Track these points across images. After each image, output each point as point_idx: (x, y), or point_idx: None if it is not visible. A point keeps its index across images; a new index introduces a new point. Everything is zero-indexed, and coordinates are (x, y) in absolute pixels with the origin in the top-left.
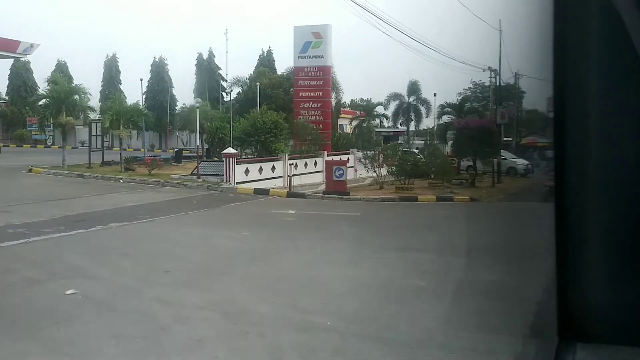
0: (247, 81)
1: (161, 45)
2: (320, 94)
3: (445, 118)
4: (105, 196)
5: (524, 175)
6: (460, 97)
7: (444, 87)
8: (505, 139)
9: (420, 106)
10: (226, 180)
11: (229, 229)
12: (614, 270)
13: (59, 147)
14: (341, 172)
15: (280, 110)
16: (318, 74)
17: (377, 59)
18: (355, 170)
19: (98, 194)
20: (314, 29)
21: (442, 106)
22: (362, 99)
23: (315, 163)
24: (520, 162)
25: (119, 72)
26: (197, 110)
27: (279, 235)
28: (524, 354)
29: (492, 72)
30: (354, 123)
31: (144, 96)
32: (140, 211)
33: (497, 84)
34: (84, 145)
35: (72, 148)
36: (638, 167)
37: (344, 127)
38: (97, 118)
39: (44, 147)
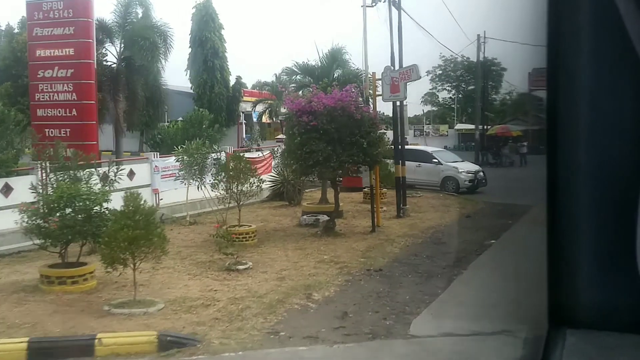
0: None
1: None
2: (72, 51)
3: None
4: None
5: (472, 190)
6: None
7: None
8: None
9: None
10: None
11: None
12: (603, 258)
13: None
14: None
15: None
16: (66, 15)
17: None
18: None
19: None
20: None
21: (287, 71)
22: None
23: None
24: (465, 168)
25: None
26: None
27: None
28: (515, 340)
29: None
30: (260, 107)
31: None
32: None
33: (390, 19)
34: None
35: None
36: (630, 156)
37: (254, 114)
38: None
39: None
